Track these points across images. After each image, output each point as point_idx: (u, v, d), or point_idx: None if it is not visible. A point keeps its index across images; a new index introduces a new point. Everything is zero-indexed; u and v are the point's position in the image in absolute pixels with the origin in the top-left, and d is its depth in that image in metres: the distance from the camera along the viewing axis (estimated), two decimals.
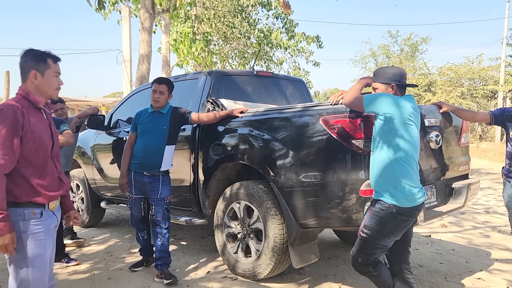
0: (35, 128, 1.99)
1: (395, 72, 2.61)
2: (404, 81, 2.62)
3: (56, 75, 2.11)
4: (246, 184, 3.47)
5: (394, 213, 2.40)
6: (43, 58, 2.07)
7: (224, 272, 3.70)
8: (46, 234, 2.03)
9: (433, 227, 5.36)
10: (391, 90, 2.57)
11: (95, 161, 5.17)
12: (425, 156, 3.16)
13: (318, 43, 17.02)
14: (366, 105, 2.52)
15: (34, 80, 2.05)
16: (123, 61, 14.62)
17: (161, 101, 3.62)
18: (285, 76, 5.11)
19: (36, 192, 2.00)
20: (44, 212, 2.03)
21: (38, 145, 2.01)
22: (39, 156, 2.02)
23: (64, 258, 3.94)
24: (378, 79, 2.63)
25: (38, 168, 2.02)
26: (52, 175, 2.09)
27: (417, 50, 27.67)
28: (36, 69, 2.05)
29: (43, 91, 2.07)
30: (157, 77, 3.78)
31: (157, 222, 3.59)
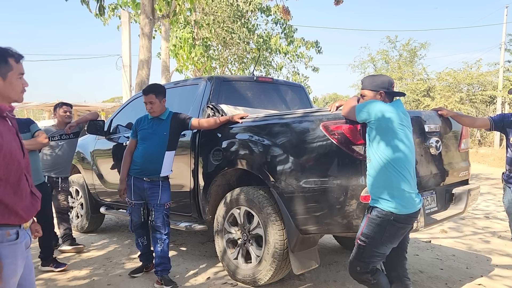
0: (3, 141, 1.69)
1: (384, 80, 2.65)
2: (392, 89, 2.65)
3: (20, 77, 1.83)
4: (246, 189, 3.47)
5: (392, 220, 2.40)
6: (3, 58, 1.78)
7: (224, 278, 3.69)
8: (20, 255, 1.79)
9: (433, 233, 5.35)
10: (379, 97, 2.60)
11: (94, 167, 5.16)
12: (425, 162, 3.16)
13: (317, 49, 17.10)
14: (357, 113, 2.57)
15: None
16: (123, 66, 14.65)
17: (155, 110, 3.61)
18: (285, 81, 5.12)
19: (12, 212, 1.75)
20: (19, 231, 1.80)
21: (8, 160, 1.72)
22: (11, 172, 1.74)
23: (53, 263, 3.95)
24: (367, 86, 2.67)
25: (10, 186, 1.75)
26: (25, 191, 1.83)
27: (415, 55, 27.75)
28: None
29: (6, 96, 1.79)
30: (144, 88, 3.74)
31: (157, 228, 3.58)
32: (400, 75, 24.58)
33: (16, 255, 1.76)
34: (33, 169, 3.64)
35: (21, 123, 3.75)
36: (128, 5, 9.69)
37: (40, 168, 3.94)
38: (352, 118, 2.66)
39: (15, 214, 1.77)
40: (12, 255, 1.73)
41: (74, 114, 18.63)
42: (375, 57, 28.81)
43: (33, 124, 3.86)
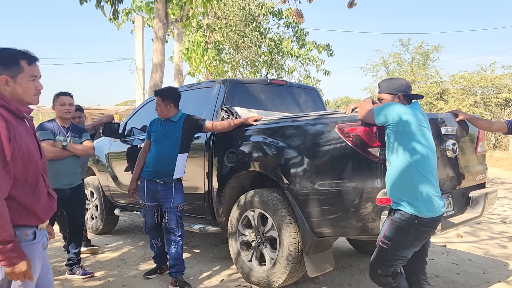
0: (21, 142, 1.73)
1: (401, 83, 2.63)
2: (409, 92, 2.63)
3: (33, 79, 1.83)
4: (261, 192, 3.47)
5: (416, 223, 2.36)
6: (15, 60, 1.78)
7: (238, 280, 3.69)
8: (37, 258, 1.83)
9: (448, 237, 5.29)
10: (397, 100, 2.58)
11: (109, 169, 5.21)
12: (442, 165, 3.13)
13: (329, 52, 17.09)
14: (376, 116, 2.55)
15: (6, 87, 1.77)
16: (136, 70, 14.79)
17: (160, 112, 3.65)
18: (298, 84, 5.12)
19: (30, 213, 1.79)
20: (37, 232, 1.83)
21: (27, 161, 1.76)
22: (29, 173, 1.78)
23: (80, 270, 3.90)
24: (384, 90, 2.65)
25: (28, 187, 1.79)
26: (43, 192, 1.87)
27: (428, 58, 27.51)
28: (7, 74, 1.76)
29: (18, 99, 1.80)
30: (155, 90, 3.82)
31: (171, 230, 3.59)
32: (413, 78, 24.38)
33: (34, 255, 1.79)
34: (70, 172, 3.76)
35: (76, 128, 3.91)
36: (142, 10, 9.80)
37: (78, 172, 3.95)
38: (370, 121, 2.63)
39: (32, 215, 1.80)
40: (30, 255, 1.76)
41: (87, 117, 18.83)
42: (387, 60, 28.64)
43: (85, 133, 3.95)
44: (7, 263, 1.66)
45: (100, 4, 6.39)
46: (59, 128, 3.75)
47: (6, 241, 1.64)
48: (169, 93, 3.68)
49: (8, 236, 1.64)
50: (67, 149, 3.70)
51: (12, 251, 1.65)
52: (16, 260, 1.67)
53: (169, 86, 4.00)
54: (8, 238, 1.64)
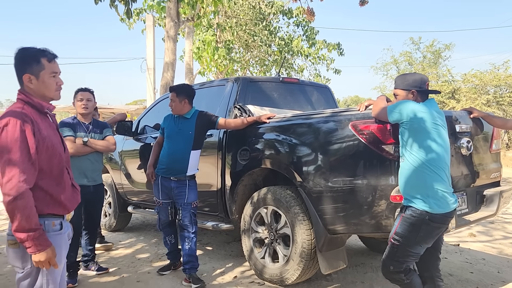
0: (45, 136, 1.84)
1: (416, 78, 2.61)
2: (425, 87, 2.59)
3: (54, 75, 1.92)
4: (274, 189, 3.48)
5: (427, 220, 2.37)
6: (36, 58, 1.87)
7: (251, 277, 3.71)
8: (63, 247, 1.94)
9: (461, 236, 5.25)
10: (411, 96, 2.57)
11: (122, 166, 5.26)
12: (456, 163, 3.11)
13: (339, 51, 17.04)
14: (389, 114, 2.55)
15: (29, 84, 1.87)
16: (147, 69, 14.90)
17: (174, 108, 3.68)
18: (310, 82, 5.12)
19: (56, 203, 1.90)
20: (63, 222, 1.95)
21: (51, 153, 1.87)
22: (54, 165, 1.90)
23: (95, 266, 3.95)
24: (399, 85, 2.64)
25: (54, 178, 1.90)
26: (67, 183, 1.99)
27: (440, 56, 27.27)
28: (29, 72, 1.86)
29: (41, 95, 1.91)
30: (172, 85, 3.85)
31: (185, 227, 3.63)
32: None
33: (60, 245, 1.91)
34: (93, 168, 3.76)
35: (98, 124, 3.91)
36: (153, 9, 9.86)
37: (100, 170, 3.95)
38: (384, 119, 2.63)
39: (59, 204, 1.92)
40: (57, 245, 1.87)
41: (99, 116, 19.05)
42: (398, 59, 28.43)
43: (107, 128, 3.94)
44: (33, 250, 1.76)
45: (114, 4, 6.45)
46: (79, 125, 3.75)
47: (32, 229, 1.74)
48: (184, 89, 3.72)
49: (34, 224, 1.74)
50: (88, 145, 3.68)
51: (37, 239, 1.75)
52: (42, 248, 1.76)
53: (184, 83, 4.04)
54: (34, 226, 1.74)
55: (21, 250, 1.83)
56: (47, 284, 1.86)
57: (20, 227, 1.73)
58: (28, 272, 1.84)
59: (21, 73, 1.87)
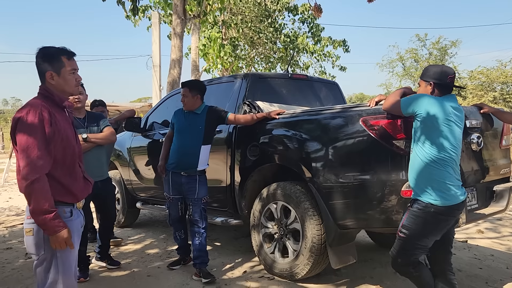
0: (61, 128, 1.97)
1: (436, 70, 2.59)
2: (446, 80, 2.56)
3: (73, 72, 2.06)
4: (283, 185, 3.50)
5: (432, 212, 2.39)
6: (57, 56, 2.01)
7: (260, 272, 3.73)
8: (75, 233, 2.03)
9: (469, 233, 5.25)
10: (429, 88, 2.56)
11: (131, 163, 5.30)
12: (466, 158, 3.12)
13: (344, 47, 16.97)
14: (404, 107, 2.54)
15: (51, 81, 2.00)
16: (153, 66, 14.90)
17: (186, 103, 3.69)
18: (319, 78, 5.14)
19: (67, 192, 2.01)
20: (73, 210, 2.05)
21: (66, 145, 1.99)
22: (67, 156, 2.01)
23: (108, 260, 3.97)
24: (422, 76, 2.65)
25: (67, 169, 2.02)
26: (79, 175, 2.10)
27: (446, 53, 27.18)
28: (51, 70, 1.99)
29: (62, 90, 2.04)
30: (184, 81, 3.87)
31: (195, 222, 3.65)
32: None
33: (73, 231, 2.00)
34: (98, 164, 3.74)
35: (93, 116, 3.78)
36: (159, 5, 9.88)
37: (106, 164, 3.93)
38: (397, 112, 2.63)
39: (70, 194, 2.03)
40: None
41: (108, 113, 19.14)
42: (404, 56, 28.35)
43: (103, 119, 3.81)
44: (50, 232, 1.88)
45: (121, 1, 6.48)
46: (75, 121, 3.52)
47: (49, 210, 1.86)
48: (196, 85, 3.75)
49: (50, 206, 1.87)
50: (88, 141, 3.57)
51: (53, 220, 1.87)
52: (58, 228, 1.89)
53: (195, 79, 4.06)
54: (50, 208, 1.87)
55: (35, 238, 1.93)
56: (63, 269, 1.96)
57: (37, 209, 1.84)
58: (43, 258, 1.95)
59: (43, 70, 2.00)
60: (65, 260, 1.97)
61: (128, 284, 3.53)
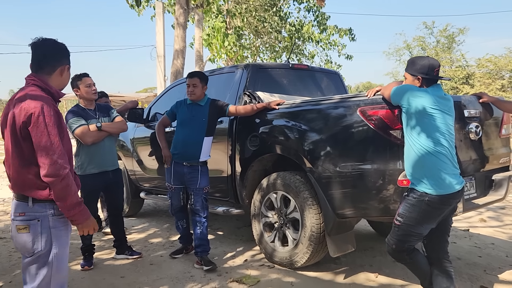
0: (62, 122, 1.96)
1: (424, 64, 2.58)
2: (433, 74, 2.57)
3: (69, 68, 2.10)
4: (283, 174, 3.54)
5: (426, 201, 2.43)
6: (68, 52, 2.07)
7: (261, 260, 3.79)
8: (70, 228, 2.04)
9: (472, 222, 5.27)
10: (417, 82, 2.58)
11: (134, 153, 5.36)
12: (465, 147, 3.13)
13: (350, 36, 16.85)
14: (393, 97, 2.62)
15: (62, 74, 2.02)
16: (157, 57, 14.91)
17: (196, 93, 3.72)
18: (320, 68, 5.13)
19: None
20: None
21: (67, 139, 2.00)
22: (69, 151, 2.01)
23: (128, 251, 4.02)
24: (408, 69, 2.66)
25: (69, 163, 2.00)
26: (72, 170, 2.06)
27: (454, 41, 26.83)
28: (67, 63, 2.04)
29: (64, 84, 2.07)
30: (190, 72, 3.90)
31: (196, 211, 3.71)
32: None
33: (67, 227, 2.02)
34: (111, 153, 3.83)
35: (101, 108, 3.90)
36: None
37: (116, 154, 3.99)
38: (388, 98, 2.71)
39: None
40: (64, 227, 1.99)
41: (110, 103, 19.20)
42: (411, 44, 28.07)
43: (112, 110, 3.97)
44: (81, 220, 1.97)
45: None
46: (87, 112, 3.74)
47: (79, 202, 1.94)
48: (205, 76, 3.81)
49: (78, 198, 1.94)
50: (102, 129, 3.71)
51: (84, 209, 1.97)
52: (87, 215, 1.99)
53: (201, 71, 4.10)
54: (80, 200, 1.95)
55: (31, 234, 1.89)
56: (57, 265, 1.94)
57: (70, 202, 1.89)
58: (38, 255, 1.90)
59: (61, 62, 2.01)
60: (60, 255, 1.95)
61: (131, 272, 3.61)
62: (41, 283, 1.91)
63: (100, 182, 3.79)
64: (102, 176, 3.77)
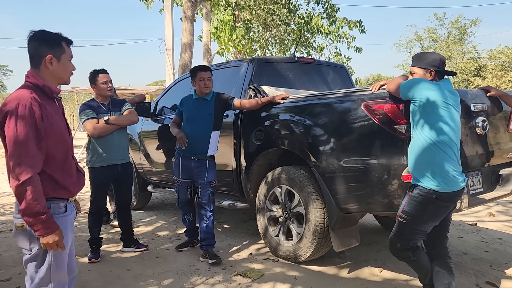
0: (53, 121, 1.85)
1: (435, 58, 2.59)
2: (443, 68, 2.59)
3: (70, 59, 1.97)
4: (288, 169, 3.54)
5: (434, 198, 2.39)
6: (58, 41, 1.91)
7: (265, 254, 3.81)
8: (69, 228, 1.97)
9: (480, 216, 5.22)
10: (429, 75, 2.55)
11: (142, 147, 5.40)
12: (471, 142, 3.09)
13: (360, 28, 16.66)
14: (402, 91, 2.55)
15: (49, 65, 1.88)
16: (166, 50, 14.92)
17: (210, 86, 3.75)
18: (326, 62, 5.10)
19: (61, 188, 1.92)
20: (67, 205, 1.97)
21: (58, 139, 1.88)
22: (60, 150, 1.91)
23: (134, 244, 4.07)
24: (417, 64, 2.62)
25: (60, 163, 1.92)
26: (72, 168, 2.01)
27: (465, 33, 26.43)
28: (52, 54, 1.87)
29: (58, 77, 1.94)
30: (200, 65, 3.90)
31: (203, 205, 3.73)
32: (448, 54, 23.56)
33: (66, 227, 1.94)
34: (120, 147, 3.85)
35: (115, 102, 3.97)
36: None
37: (127, 147, 4.02)
38: (397, 95, 2.65)
39: (63, 189, 1.94)
40: (63, 227, 1.90)
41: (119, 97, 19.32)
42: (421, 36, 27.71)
43: (126, 104, 4.00)
44: (42, 233, 1.79)
45: None
46: (100, 106, 3.84)
47: (41, 212, 1.77)
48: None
49: (42, 208, 1.77)
50: (110, 122, 3.76)
51: (46, 222, 1.78)
52: (50, 230, 1.80)
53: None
54: (42, 210, 1.77)
55: (28, 233, 1.86)
56: (55, 265, 1.90)
57: (28, 210, 1.75)
58: (36, 254, 1.88)
59: (42, 54, 1.87)
60: (58, 256, 1.91)
61: (138, 264, 3.66)
62: (40, 281, 1.90)
63: (108, 176, 3.84)
64: (110, 169, 3.82)
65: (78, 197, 2.07)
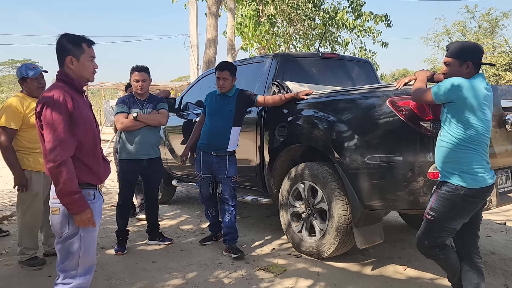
0: (83, 111, 2.07)
1: (473, 47, 2.43)
2: (481, 59, 2.44)
3: (91, 59, 2.15)
4: (311, 165, 3.53)
5: (462, 194, 2.34)
6: (78, 43, 2.10)
7: (288, 249, 3.82)
8: (96, 216, 2.12)
9: (509, 215, 5.08)
10: (465, 68, 2.40)
11: (166, 142, 5.48)
12: (500, 139, 3.01)
13: (386, 22, 16.34)
14: (436, 96, 2.38)
15: (70, 65, 2.09)
16: (190, 46, 15.06)
17: (226, 87, 3.75)
18: (351, 57, 5.04)
19: (91, 173, 2.11)
20: (96, 193, 2.15)
21: (88, 128, 2.08)
22: (89, 138, 2.10)
23: (159, 237, 4.14)
24: (454, 54, 2.43)
25: (90, 150, 2.11)
26: (100, 156, 2.19)
27: (497, 26, 25.50)
28: (72, 55, 2.08)
29: (79, 75, 2.12)
30: (219, 63, 3.90)
31: (225, 200, 3.77)
32: None
33: (95, 213, 2.10)
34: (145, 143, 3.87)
35: (153, 99, 4.03)
36: None
37: (156, 144, 4.04)
38: (428, 102, 2.51)
39: (93, 174, 2.13)
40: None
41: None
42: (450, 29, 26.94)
43: (162, 103, 4.04)
44: (76, 211, 1.99)
45: None
46: (134, 101, 3.91)
47: (75, 191, 1.97)
48: (235, 68, 3.81)
49: (76, 188, 1.98)
50: (138, 119, 3.82)
51: (79, 201, 1.99)
52: (83, 208, 2.00)
53: (228, 61, 4.09)
54: (76, 189, 1.98)
55: (60, 216, 2.04)
56: (83, 247, 2.07)
57: (63, 190, 1.95)
58: (66, 236, 2.05)
59: (64, 55, 2.09)
60: (86, 239, 2.07)
61: (162, 257, 3.73)
62: (69, 264, 2.06)
63: (133, 169, 3.91)
64: (135, 163, 3.89)
65: (105, 190, 2.20)
